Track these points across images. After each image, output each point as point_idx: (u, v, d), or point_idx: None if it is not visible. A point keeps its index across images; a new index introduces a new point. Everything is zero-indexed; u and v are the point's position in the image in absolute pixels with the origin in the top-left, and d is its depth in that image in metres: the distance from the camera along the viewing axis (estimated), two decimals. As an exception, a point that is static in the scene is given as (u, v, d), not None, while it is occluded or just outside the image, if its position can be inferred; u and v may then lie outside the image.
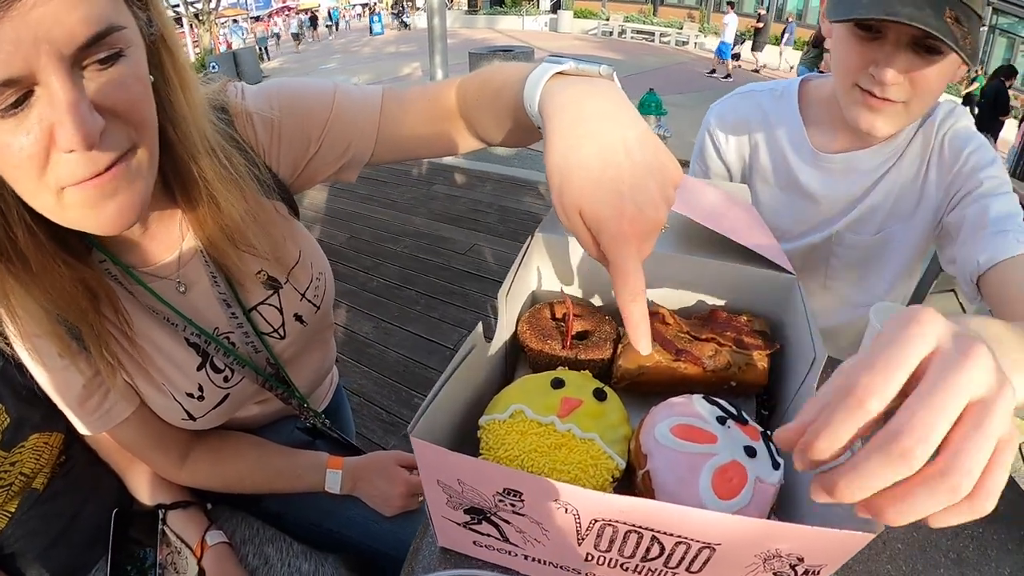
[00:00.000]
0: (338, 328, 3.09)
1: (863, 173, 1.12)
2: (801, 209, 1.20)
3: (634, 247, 0.50)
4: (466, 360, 0.64)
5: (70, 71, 0.48)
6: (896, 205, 1.13)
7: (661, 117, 4.70)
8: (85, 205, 0.55)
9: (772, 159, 1.20)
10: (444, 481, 0.58)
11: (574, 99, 0.54)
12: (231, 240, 0.74)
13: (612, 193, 0.49)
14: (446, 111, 0.80)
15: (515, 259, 0.75)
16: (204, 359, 0.79)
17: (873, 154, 1.10)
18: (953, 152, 1.05)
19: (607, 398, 0.65)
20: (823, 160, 1.14)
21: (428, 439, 0.54)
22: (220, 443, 0.91)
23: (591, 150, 0.50)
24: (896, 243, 1.16)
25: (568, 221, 0.52)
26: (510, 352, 0.81)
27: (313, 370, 1.03)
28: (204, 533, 0.89)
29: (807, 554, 0.49)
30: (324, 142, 0.80)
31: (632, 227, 0.49)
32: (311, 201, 4.65)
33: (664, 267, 0.80)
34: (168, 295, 0.75)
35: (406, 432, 0.54)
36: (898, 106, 0.97)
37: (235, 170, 0.72)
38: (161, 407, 0.78)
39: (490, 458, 0.60)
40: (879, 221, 1.15)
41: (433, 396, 0.58)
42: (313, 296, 0.89)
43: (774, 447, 0.62)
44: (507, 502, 0.55)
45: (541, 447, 0.58)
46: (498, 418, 0.62)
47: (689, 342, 0.74)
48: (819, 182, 1.15)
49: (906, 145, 1.09)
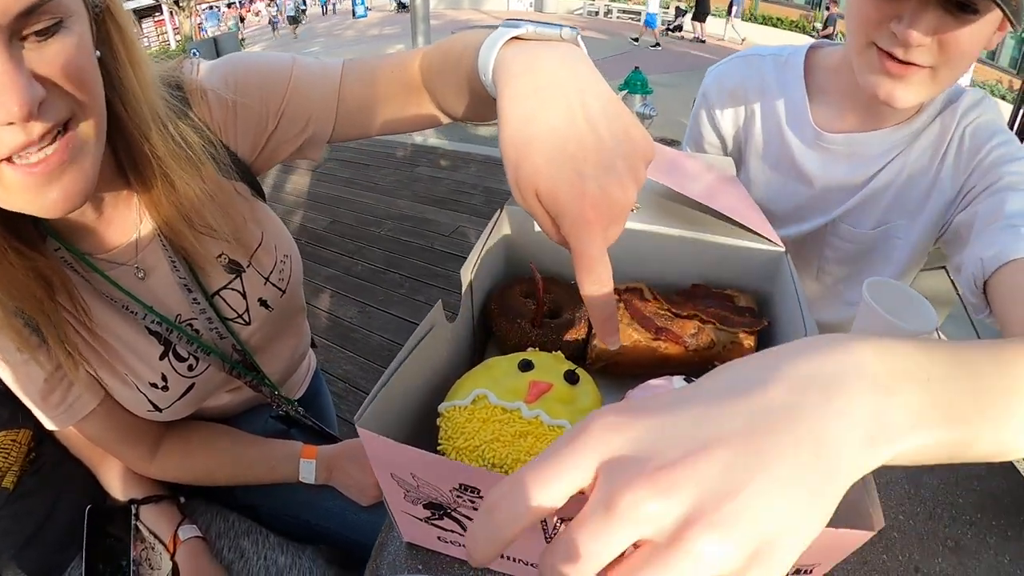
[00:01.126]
0: (322, 313, 3.05)
1: (867, 158, 0.99)
2: (794, 192, 1.08)
3: (598, 232, 0.44)
4: (424, 341, 0.58)
5: (7, 42, 0.46)
6: (900, 198, 1.00)
7: (647, 96, 4.62)
8: (29, 188, 0.53)
9: (767, 133, 1.08)
10: (398, 475, 0.53)
11: (530, 66, 0.48)
12: (188, 221, 0.71)
13: (572, 172, 0.43)
14: (410, 83, 0.76)
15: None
16: (166, 348, 0.76)
17: (882, 138, 0.97)
18: (974, 145, 0.91)
19: (579, 381, 0.59)
20: (824, 140, 1.00)
21: (379, 429, 0.49)
22: (190, 434, 0.88)
23: (548, 122, 0.44)
24: (897, 240, 1.04)
25: (524, 202, 0.46)
26: (479, 333, 0.76)
27: (285, 357, 0.99)
28: (176, 528, 0.87)
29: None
30: (283, 118, 0.77)
31: (595, 211, 0.43)
32: (293, 186, 4.59)
33: (643, 240, 0.75)
34: (126, 282, 0.72)
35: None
36: (923, 73, 0.82)
37: (190, 149, 0.69)
38: (126, 399, 0.76)
39: (448, 449, 0.55)
40: (880, 214, 1.02)
41: (385, 381, 0.52)
42: (278, 280, 0.85)
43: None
44: (465, 498, 0.50)
45: (504, 436, 0.53)
46: (459, 404, 0.56)
47: (670, 319, 0.68)
48: (817, 164, 1.03)
49: (921, 131, 0.96)
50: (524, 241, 0.81)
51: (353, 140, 0.84)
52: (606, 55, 11.55)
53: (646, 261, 0.77)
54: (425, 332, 0.58)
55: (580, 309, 0.72)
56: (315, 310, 3.07)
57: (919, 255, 1.05)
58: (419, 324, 0.58)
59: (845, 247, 1.08)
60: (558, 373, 0.59)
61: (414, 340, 0.56)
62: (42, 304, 0.63)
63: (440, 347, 0.64)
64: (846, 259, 1.10)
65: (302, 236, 3.79)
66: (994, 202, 0.83)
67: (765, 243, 0.74)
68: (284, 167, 4.80)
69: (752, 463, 0.26)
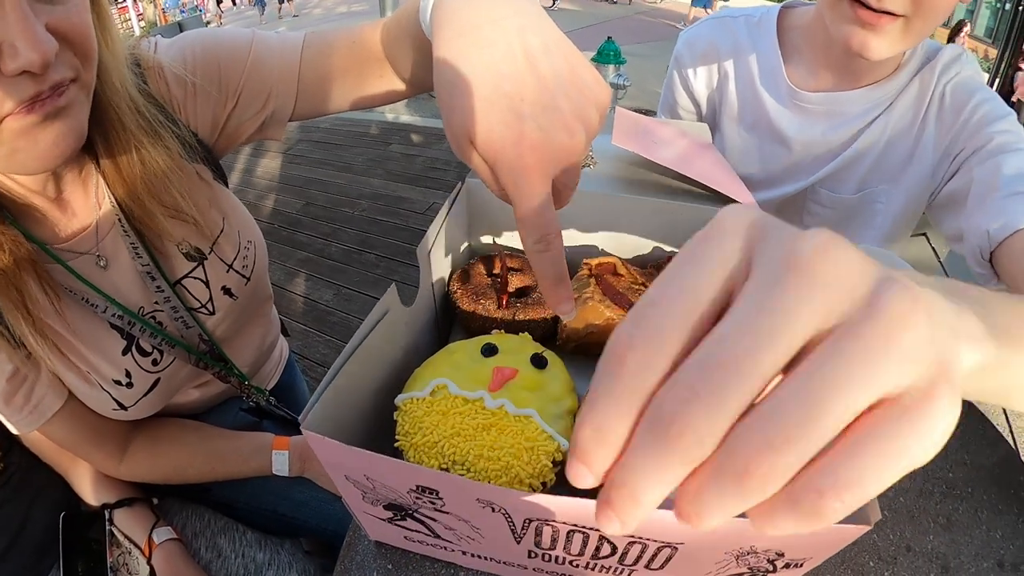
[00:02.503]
0: (297, 297, 3.00)
1: (846, 119, 0.96)
2: (771, 154, 1.04)
3: (539, 180, 0.40)
4: (378, 328, 0.53)
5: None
6: (882, 160, 0.96)
7: (620, 66, 4.54)
8: (23, 132, 0.52)
9: (741, 93, 1.05)
10: (352, 477, 0.48)
11: (466, 4, 0.43)
12: (157, 199, 0.69)
13: (507, 112, 0.39)
14: (372, 55, 0.72)
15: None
16: (129, 342, 0.73)
17: (860, 97, 0.94)
18: (956, 104, 0.88)
19: (548, 365, 0.55)
20: (800, 99, 0.97)
21: (328, 429, 0.44)
22: (158, 432, 0.85)
23: (482, 61, 0.40)
24: (879, 206, 1.00)
25: (460, 152, 0.42)
26: (442, 317, 0.71)
27: (254, 347, 0.96)
28: (151, 531, 0.84)
29: (788, 549, 0.39)
30: (242, 95, 0.75)
31: (535, 155, 0.39)
32: (265, 170, 4.52)
33: (613, 210, 0.70)
34: (88, 272, 0.68)
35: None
36: (896, 22, 0.79)
37: (157, 124, 0.68)
38: (90, 397, 0.73)
39: (406, 446, 0.50)
40: (860, 177, 0.99)
41: (332, 376, 0.47)
42: (241, 267, 0.82)
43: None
44: (425, 500, 0.45)
45: (466, 429, 0.48)
46: (416, 396, 0.51)
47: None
48: (794, 125, 0.99)
49: (900, 91, 0.93)
50: (488, 216, 0.76)
51: (317, 117, 0.81)
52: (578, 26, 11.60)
53: (618, 233, 0.73)
54: (378, 319, 0.53)
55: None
56: (290, 294, 3.02)
57: (904, 222, 1.02)
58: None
59: (825, 213, 1.04)
60: (524, 357, 0.54)
61: (365, 328, 0.51)
62: (5, 300, 0.61)
63: (398, 334, 0.59)
64: (826, 225, 1.04)
65: (275, 220, 3.73)
66: (989, 167, 0.80)
67: (745, 210, 0.69)
68: (255, 150, 4.73)
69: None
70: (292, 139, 4.92)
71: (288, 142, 4.82)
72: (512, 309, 0.64)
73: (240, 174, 4.40)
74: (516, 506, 0.40)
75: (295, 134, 5.01)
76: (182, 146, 0.71)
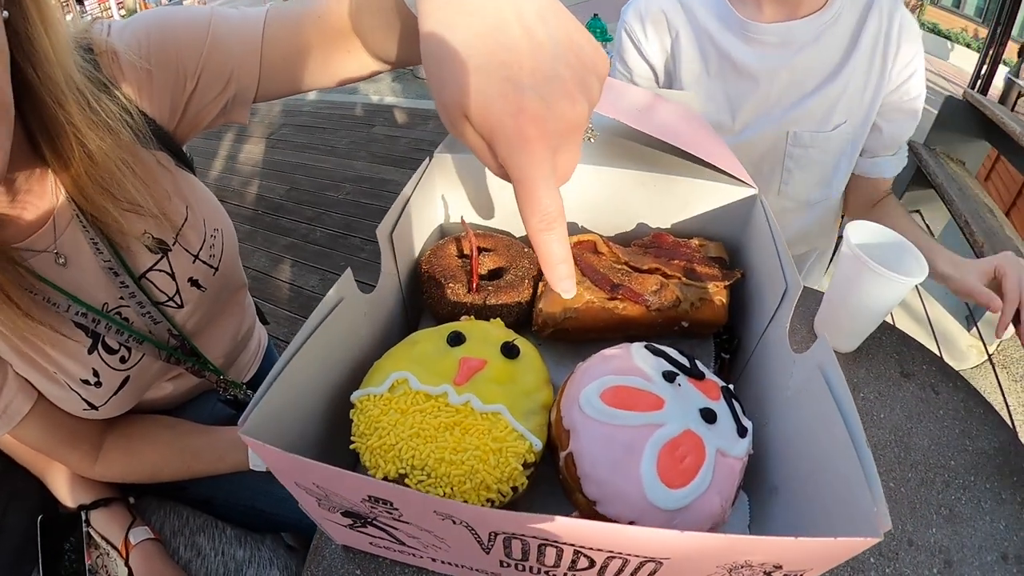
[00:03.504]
0: (283, 284, 2.94)
1: (800, 46, 1.01)
2: (738, 94, 1.07)
3: (542, 155, 0.36)
4: (330, 320, 0.47)
5: None
6: (846, 90, 1.04)
7: (607, 43, 4.46)
8: None
9: (698, 42, 1.07)
10: (302, 484, 0.43)
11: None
12: (110, 194, 0.66)
13: (505, 83, 0.36)
14: (339, 29, 0.68)
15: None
16: (95, 340, 0.70)
17: (808, 24, 0.99)
18: (903, 50, 1.01)
19: (520, 355, 0.49)
20: (754, 30, 1.01)
21: (273, 433, 0.39)
22: (131, 430, 0.83)
23: (473, 29, 0.37)
24: (847, 135, 1.08)
25: (454, 129, 0.39)
26: (411, 304, 0.65)
27: (228, 338, 0.93)
28: (127, 531, 0.82)
29: (787, 562, 0.35)
30: (202, 77, 0.71)
31: (537, 127, 0.36)
32: (248, 156, 4.45)
33: (591, 182, 0.65)
34: (47, 271, 0.66)
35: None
36: None
37: (108, 116, 0.63)
38: (58, 398, 0.71)
39: (362, 449, 0.45)
40: (832, 113, 1.05)
41: (274, 377, 0.42)
42: (208, 257, 0.79)
43: (739, 405, 0.48)
44: (381, 509, 0.40)
45: (426, 429, 0.43)
46: (373, 392, 0.46)
47: (627, 275, 0.58)
48: (753, 56, 1.03)
49: (838, 16, 1.00)
50: (458, 193, 0.70)
51: (283, 97, 0.77)
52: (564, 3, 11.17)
53: (598, 208, 0.67)
54: (330, 309, 0.47)
55: (523, 267, 0.62)
56: (276, 281, 2.97)
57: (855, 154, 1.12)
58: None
59: (806, 155, 1.08)
60: (494, 346, 0.49)
61: (315, 320, 0.46)
62: None
63: (356, 324, 0.53)
64: (808, 168, 1.10)
65: (259, 206, 3.68)
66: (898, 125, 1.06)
67: (735, 184, 0.64)
68: (238, 136, 4.67)
69: None
70: (275, 123, 4.86)
71: (271, 127, 4.77)
72: (483, 293, 0.59)
73: (223, 160, 4.34)
74: (477, 520, 0.35)
75: (278, 118, 4.95)
76: (136, 135, 0.67)
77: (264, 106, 4.93)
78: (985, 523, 0.63)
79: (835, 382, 0.42)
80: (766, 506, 0.51)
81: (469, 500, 0.42)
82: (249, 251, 3.12)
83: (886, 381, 0.77)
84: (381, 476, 0.43)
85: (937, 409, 0.74)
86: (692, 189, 0.64)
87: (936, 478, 0.67)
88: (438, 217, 0.72)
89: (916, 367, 0.80)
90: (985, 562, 0.60)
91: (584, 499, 0.43)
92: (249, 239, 3.22)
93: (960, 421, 0.73)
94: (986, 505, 0.65)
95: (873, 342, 0.81)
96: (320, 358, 0.47)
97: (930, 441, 0.70)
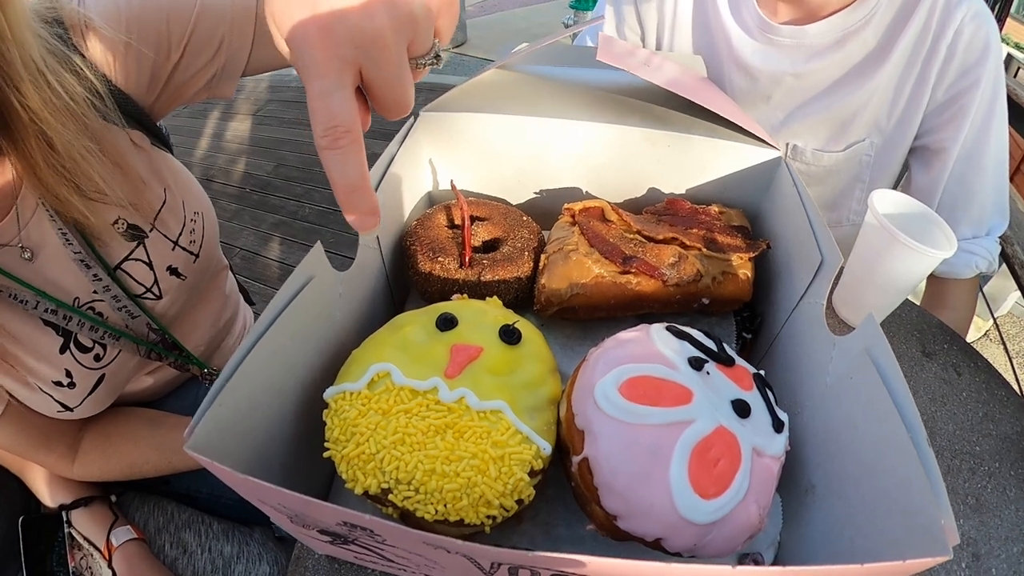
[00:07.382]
0: (272, 262, 2.92)
1: (815, 51, 0.88)
2: (728, 78, 0.95)
3: (323, 58, 0.34)
4: (296, 304, 0.40)
5: None
6: (865, 108, 0.88)
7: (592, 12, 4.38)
8: None
9: (701, 16, 0.96)
10: (268, 503, 0.36)
11: None
12: (74, 186, 0.62)
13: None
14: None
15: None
16: (66, 339, 0.67)
17: (827, 27, 0.85)
18: (964, 65, 0.81)
19: (521, 340, 0.43)
20: (770, 30, 0.89)
21: (227, 446, 0.33)
22: (108, 428, 0.81)
23: None
24: (866, 158, 0.93)
25: (277, 41, 0.37)
26: (395, 282, 0.58)
27: (208, 324, 0.90)
28: (108, 532, 0.80)
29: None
30: (189, 44, 0.68)
31: (321, 31, 0.34)
32: (234, 133, 4.41)
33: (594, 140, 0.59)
34: (11, 266, 0.62)
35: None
36: None
37: (72, 99, 0.60)
38: (31, 401, 0.68)
39: (337, 458, 0.38)
40: (841, 127, 0.91)
41: (228, 375, 0.35)
42: (188, 243, 0.76)
43: (772, 394, 0.42)
44: (360, 533, 0.34)
45: (413, 434, 0.36)
46: (350, 389, 0.39)
47: (641, 245, 0.52)
48: (757, 54, 0.91)
49: (869, 18, 0.84)
50: (448, 156, 0.63)
51: (273, 69, 0.75)
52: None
53: (601, 169, 0.61)
54: (296, 290, 0.40)
55: (523, 238, 0.55)
56: (265, 260, 2.96)
57: (890, 173, 0.95)
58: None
59: (808, 172, 0.96)
60: (491, 329, 0.43)
61: (279, 303, 0.39)
62: None
63: (330, 307, 0.46)
64: (809, 184, 0.98)
65: (246, 184, 3.64)
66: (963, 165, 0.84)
67: (758, 144, 0.57)
68: (224, 114, 4.61)
69: None
70: (261, 100, 4.81)
71: (257, 103, 4.72)
72: (477, 268, 0.52)
73: (209, 139, 4.30)
74: (478, 552, 0.28)
75: (265, 94, 4.91)
76: (105, 116, 0.64)
77: (250, 81, 4.87)
78: (1011, 512, 0.59)
79: (887, 369, 0.36)
80: (800, 507, 0.45)
81: (466, 518, 0.35)
82: (237, 230, 3.08)
83: (908, 361, 0.72)
84: (361, 491, 0.37)
85: (960, 391, 0.70)
86: (710, 149, 0.58)
87: (962, 465, 0.63)
88: (425, 183, 0.65)
89: (938, 346, 0.75)
90: (1012, 554, 0.56)
91: (603, 512, 0.36)
92: (237, 218, 3.17)
93: (983, 404, 0.69)
94: (1011, 493, 0.61)
95: (893, 320, 0.76)
96: (286, 349, 0.40)
97: (955, 426, 0.66)
